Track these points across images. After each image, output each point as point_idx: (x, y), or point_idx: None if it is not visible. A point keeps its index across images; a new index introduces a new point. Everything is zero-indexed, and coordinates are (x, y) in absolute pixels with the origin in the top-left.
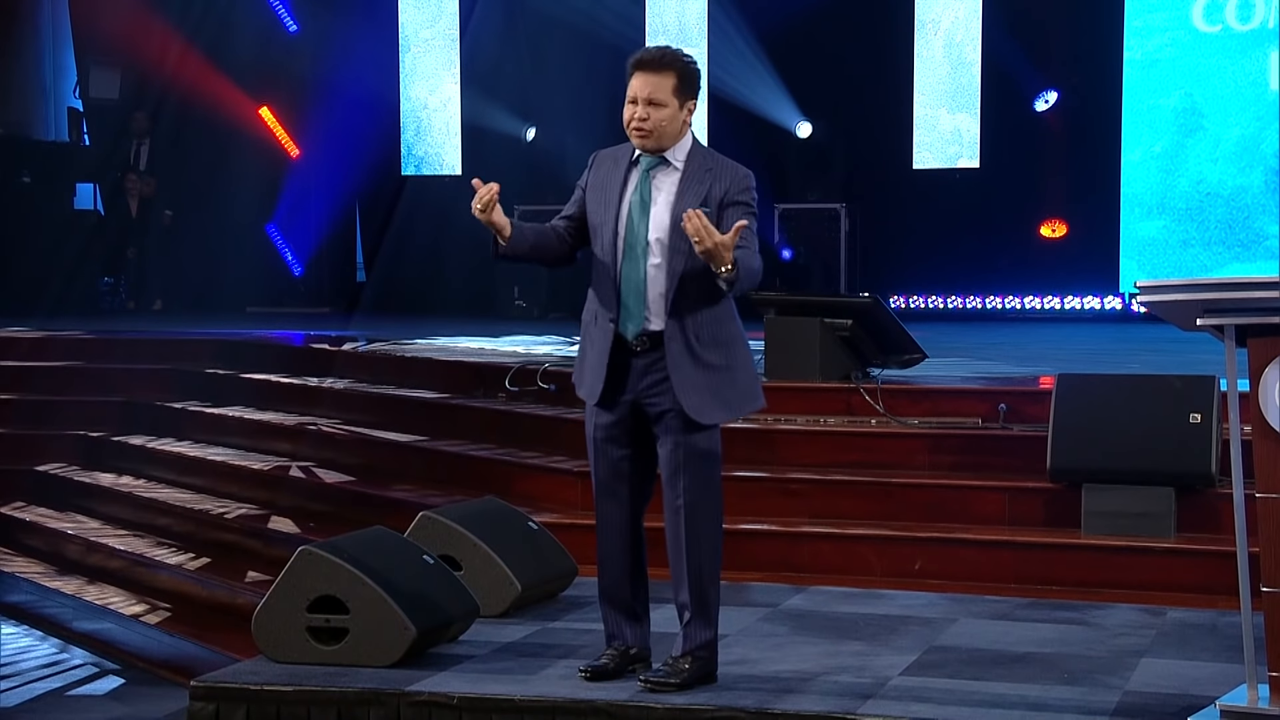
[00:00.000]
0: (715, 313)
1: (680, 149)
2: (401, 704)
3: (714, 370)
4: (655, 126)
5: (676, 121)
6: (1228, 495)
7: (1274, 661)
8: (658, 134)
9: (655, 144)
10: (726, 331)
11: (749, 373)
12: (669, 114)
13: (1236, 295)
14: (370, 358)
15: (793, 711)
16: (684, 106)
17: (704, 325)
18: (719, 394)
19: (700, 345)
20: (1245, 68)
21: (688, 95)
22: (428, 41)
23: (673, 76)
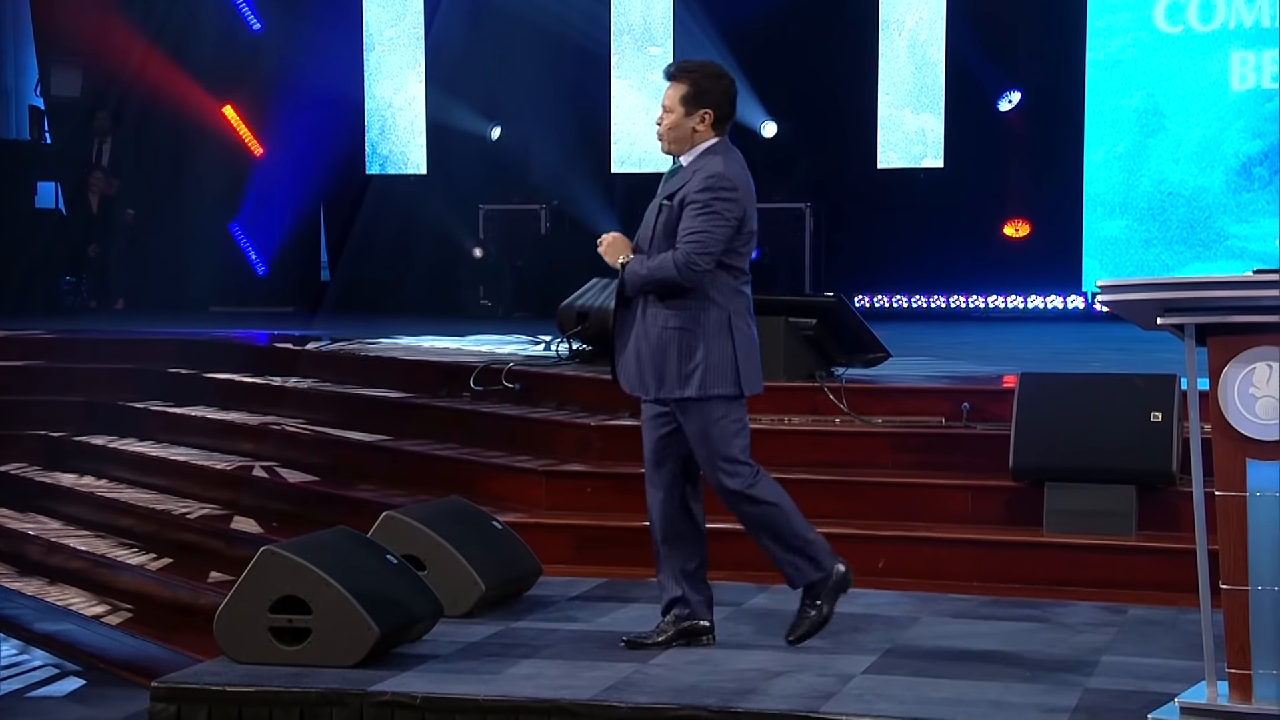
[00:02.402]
0: (677, 300)
1: (691, 154)
2: (364, 704)
3: (656, 349)
4: (665, 131)
5: (684, 128)
6: (1188, 493)
7: (1233, 658)
8: (667, 138)
9: (667, 148)
10: (678, 318)
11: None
12: (675, 120)
13: (1196, 294)
14: (334, 357)
15: (755, 710)
16: (693, 115)
17: (657, 304)
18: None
19: (645, 323)
20: (1206, 68)
21: (699, 105)
22: (392, 40)
23: (684, 86)
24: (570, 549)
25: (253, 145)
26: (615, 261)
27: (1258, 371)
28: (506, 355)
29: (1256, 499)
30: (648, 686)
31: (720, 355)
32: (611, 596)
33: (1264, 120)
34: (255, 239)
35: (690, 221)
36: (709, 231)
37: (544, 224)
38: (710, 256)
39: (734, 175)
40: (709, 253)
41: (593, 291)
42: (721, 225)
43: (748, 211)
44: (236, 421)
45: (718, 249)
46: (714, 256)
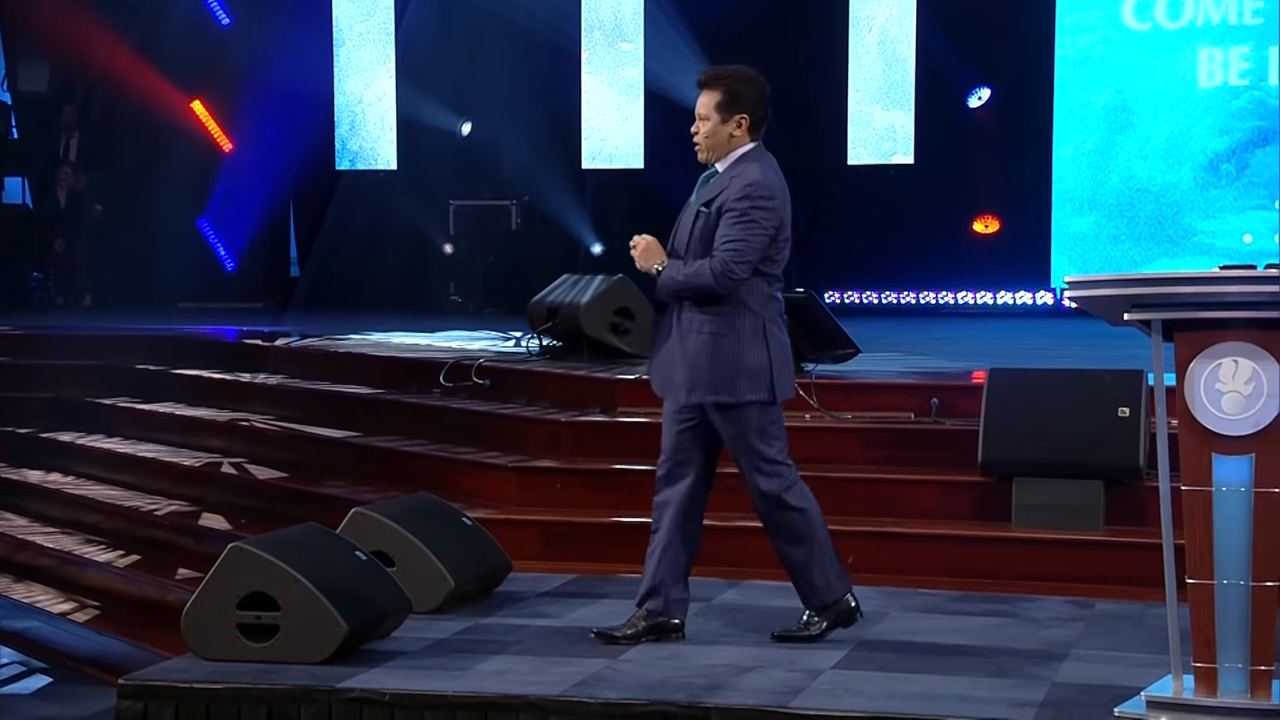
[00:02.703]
0: (713, 306)
1: (727, 160)
2: (333, 701)
3: (689, 353)
4: (701, 139)
5: (720, 135)
6: (1155, 488)
7: (1199, 652)
8: (704, 146)
9: (705, 155)
10: (714, 324)
11: (733, 366)
12: (710, 127)
13: (1163, 290)
14: (303, 353)
15: (724, 706)
16: (728, 121)
17: (693, 310)
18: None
19: (681, 328)
20: (1175, 65)
21: (735, 110)
22: (362, 35)
23: (717, 93)
24: (540, 545)
25: (222, 140)
26: (650, 267)
27: (1224, 367)
28: (476, 351)
29: (1222, 494)
30: (617, 682)
31: (756, 360)
32: (581, 592)
33: (1231, 117)
34: (224, 235)
35: (728, 230)
36: (746, 240)
37: (514, 220)
38: (747, 265)
39: (771, 183)
40: (746, 261)
41: (563, 287)
42: (759, 234)
43: (784, 219)
44: (205, 418)
45: (755, 257)
46: (751, 265)
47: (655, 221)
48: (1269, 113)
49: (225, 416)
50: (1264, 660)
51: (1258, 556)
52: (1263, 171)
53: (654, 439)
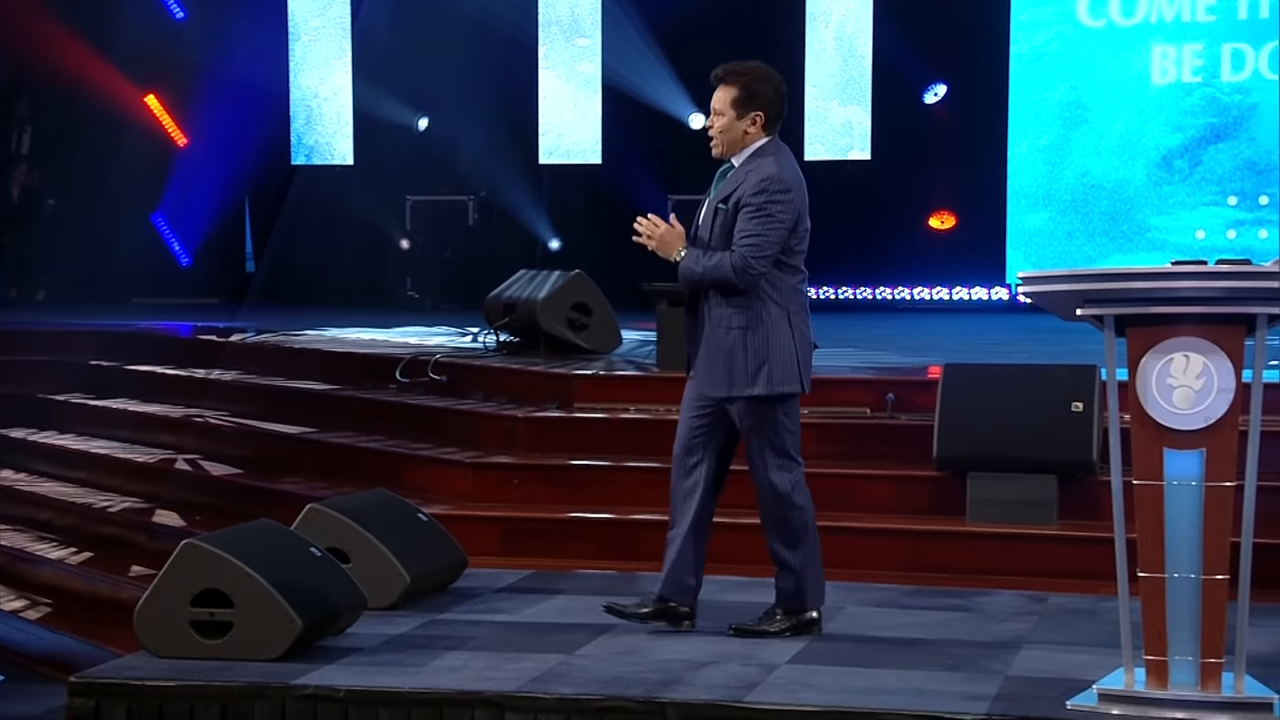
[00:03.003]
0: (732, 297)
1: (742, 155)
2: (287, 698)
3: (722, 349)
4: (716, 134)
5: (735, 130)
6: (1108, 482)
7: (1150, 645)
8: (718, 141)
9: (720, 150)
10: (741, 318)
11: (762, 359)
12: (726, 123)
13: (1114, 286)
14: (259, 349)
15: (680, 700)
16: (744, 117)
17: (721, 306)
18: (721, 370)
19: (711, 324)
20: (1128, 62)
21: (751, 107)
22: (318, 30)
23: (734, 89)
24: (496, 541)
25: (176, 135)
26: (671, 256)
27: (1175, 362)
28: (433, 347)
29: (1173, 488)
30: (573, 678)
31: (785, 353)
32: (537, 588)
33: (1184, 114)
34: (179, 230)
35: (745, 224)
36: (764, 234)
37: (472, 215)
38: (766, 259)
39: (787, 176)
40: (764, 255)
41: (520, 283)
42: (776, 228)
43: (802, 211)
44: (159, 414)
45: (773, 251)
46: (770, 259)
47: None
48: (1221, 109)
49: (179, 412)
50: (1214, 653)
51: (1208, 550)
52: (1215, 168)
53: (610, 434)
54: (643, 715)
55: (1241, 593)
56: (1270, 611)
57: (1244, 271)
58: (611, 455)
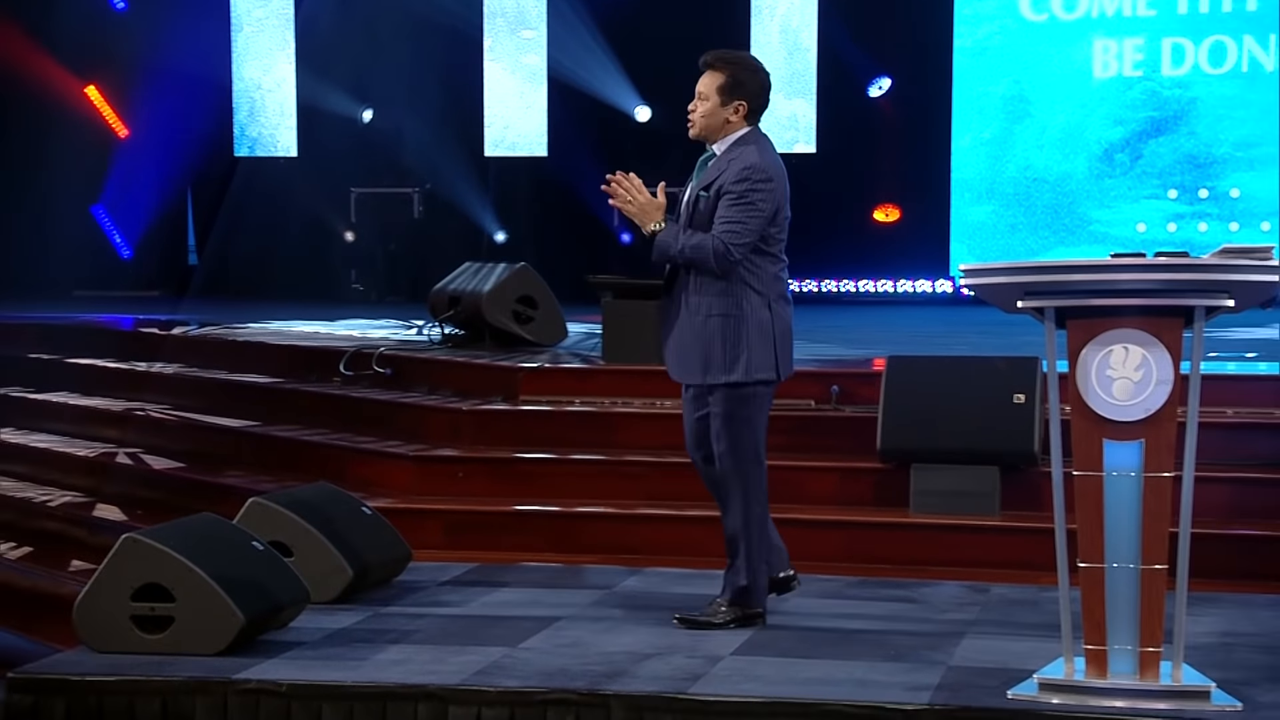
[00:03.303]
0: (711, 285)
1: (724, 143)
2: (229, 692)
3: (701, 336)
4: (697, 118)
5: (717, 117)
6: (1049, 473)
7: (1090, 634)
8: (699, 125)
9: (698, 133)
10: (722, 304)
11: (744, 347)
12: (709, 108)
13: (1054, 278)
14: (201, 342)
15: (624, 693)
16: (727, 105)
17: (700, 293)
18: (697, 357)
19: (689, 311)
20: (1071, 56)
21: (735, 96)
22: (261, 21)
23: (721, 76)
24: (441, 534)
25: (117, 127)
26: (647, 226)
27: (1114, 354)
28: (378, 339)
29: (1113, 478)
30: (517, 670)
31: (763, 340)
32: (482, 581)
33: (1125, 107)
34: (120, 222)
35: (726, 211)
36: (744, 222)
37: (417, 208)
38: (744, 246)
39: (769, 165)
40: (743, 242)
41: (465, 275)
42: (755, 216)
43: (782, 200)
44: (100, 407)
45: (752, 238)
46: (748, 246)
47: (559, 209)
48: (1162, 103)
49: (121, 406)
50: (1152, 642)
51: (1147, 540)
52: (1156, 161)
53: (556, 427)
54: (587, 708)
55: (1179, 582)
56: (1207, 600)
57: (1182, 264)
58: (557, 448)
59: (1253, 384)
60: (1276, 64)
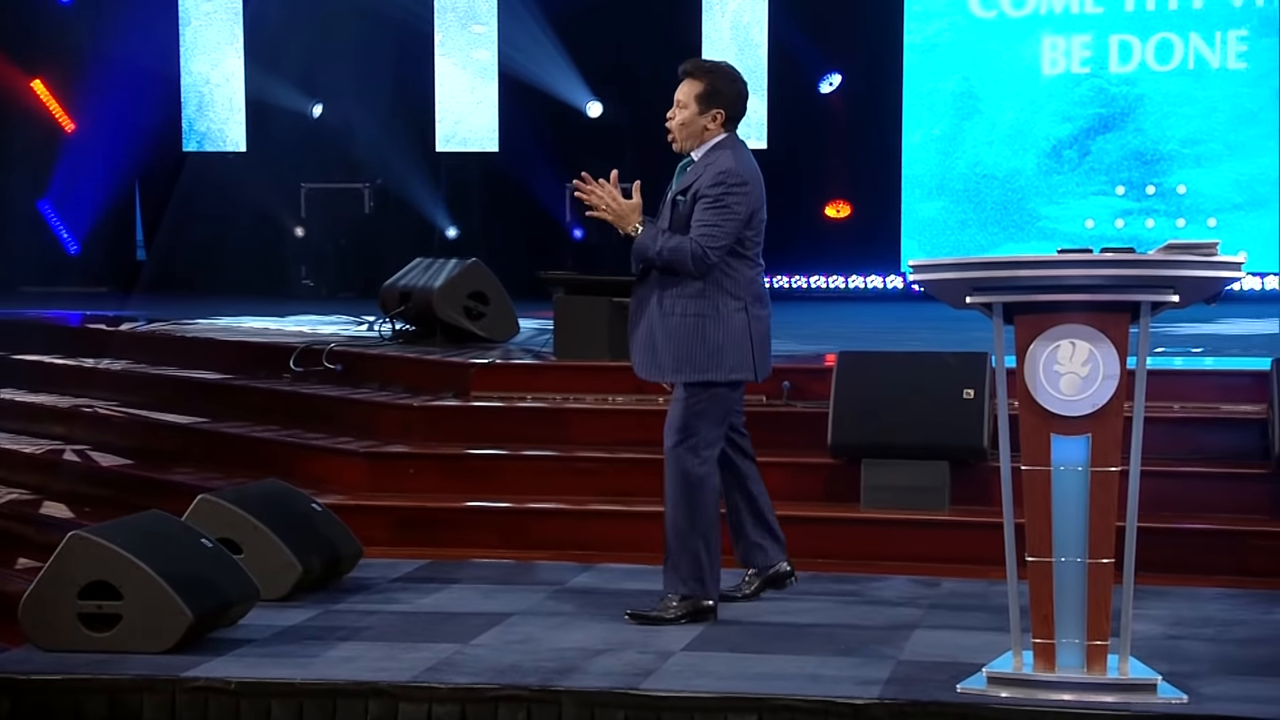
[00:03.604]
0: (687, 286)
1: (701, 149)
2: (177, 691)
3: (673, 336)
4: (675, 125)
5: (695, 125)
6: (999, 468)
7: (1038, 628)
8: (678, 132)
9: (679, 142)
10: (697, 305)
11: (715, 347)
12: (688, 116)
13: (1002, 274)
14: (150, 338)
15: (575, 689)
16: (705, 113)
17: (676, 295)
18: (667, 355)
19: (662, 311)
20: (1019, 53)
21: (713, 104)
22: (209, 14)
23: (699, 85)
24: (392, 530)
25: (63, 121)
26: (625, 228)
27: (1061, 349)
28: (328, 335)
29: (1060, 473)
30: (468, 667)
31: (740, 341)
32: (433, 578)
33: (1074, 104)
34: (67, 217)
35: (702, 215)
36: (719, 225)
37: (367, 203)
38: (720, 250)
39: (744, 170)
40: (719, 245)
41: (416, 271)
42: (731, 219)
43: (757, 204)
44: (47, 404)
45: (727, 241)
46: (724, 249)
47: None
48: (1109, 100)
49: (68, 402)
50: (1099, 635)
51: (1094, 534)
52: (1103, 158)
53: (507, 423)
54: (538, 704)
55: (1126, 576)
56: (1153, 594)
57: (1128, 260)
58: (508, 444)
59: (1199, 379)
60: (1222, 61)
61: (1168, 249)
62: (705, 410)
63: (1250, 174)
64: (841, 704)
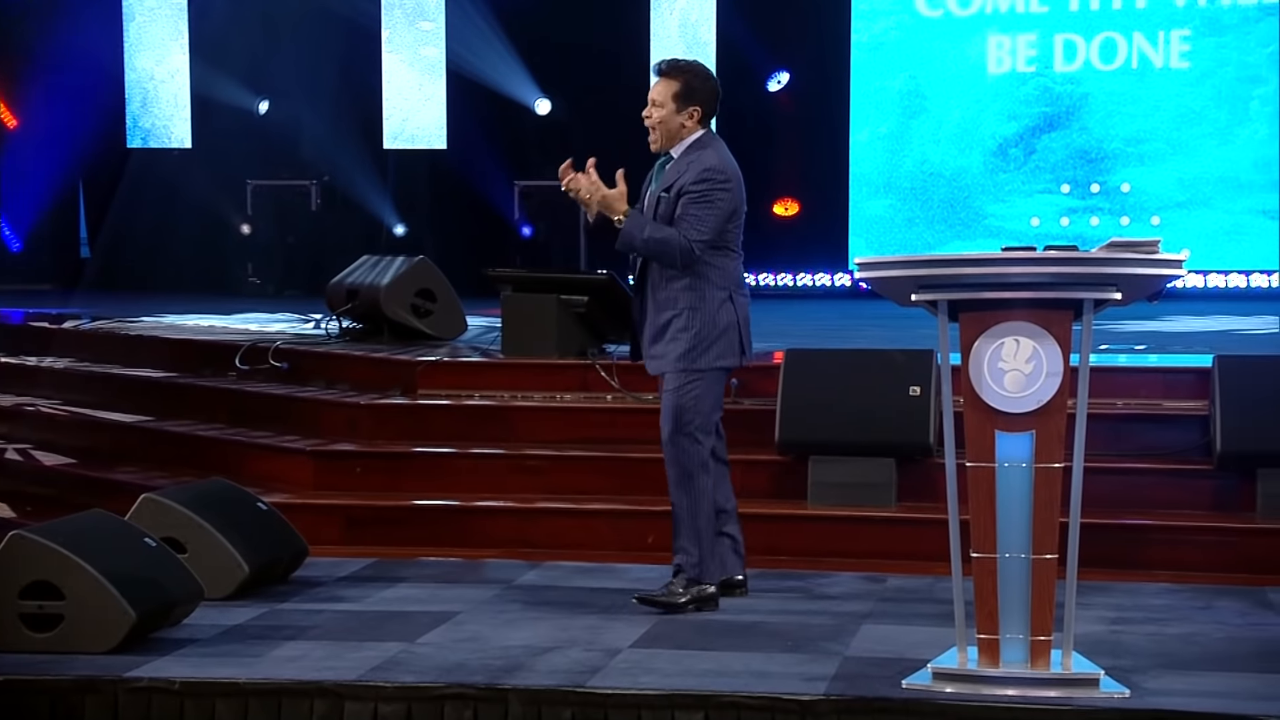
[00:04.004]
0: (676, 280)
1: (680, 146)
2: (119, 691)
3: (669, 329)
4: (654, 124)
5: (673, 123)
6: (945, 465)
7: (983, 624)
8: (658, 131)
9: (658, 140)
10: (687, 298)
11: (707, 336)
12: (666, 114)
13: (947, 271)
14: (93, 336)
15: (522, 687)
16: (683, 111)
17: (666, 289)
18: (666, 347)
19: (657, 306)
20: (965, 52)
21: (690, 103)
22: (153, 10)
23: (676, 84)
24: (339, 529)
25: (6, 117)
26: (614, 214)
27: (1006, 346)
28: (274, 333)
29: (1005, 469)
30: (414, 665)
31: (728, 328)
32: (380, 577)
33: (1019, 103)
34: (9, 214)
35: (689, 209)
36: (705, 219)
37: (314, 200)
38: (705, 243)
39: (727, 167)
40: (704, 239)
41: (363, 269)
42: (715, 214)
43: (740, 199)
44: None
45: (711, 236)
46: (708, 243)
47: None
48: (1054, 99)
49: (10, 401)
50: (1043, 631)
51: (1037, 530)
52: (1049, 156)
53: (454, 421)
54: (485, 702)
55: (1069, 572)
56: (1096, 589)
57: (1070, 258)
58: (455, 442)
59: (1142, 376)
60: (1166, 61)
61: (1110, 247)
62: (700, 396)
63: (1193, 173)
64: (788, 700)
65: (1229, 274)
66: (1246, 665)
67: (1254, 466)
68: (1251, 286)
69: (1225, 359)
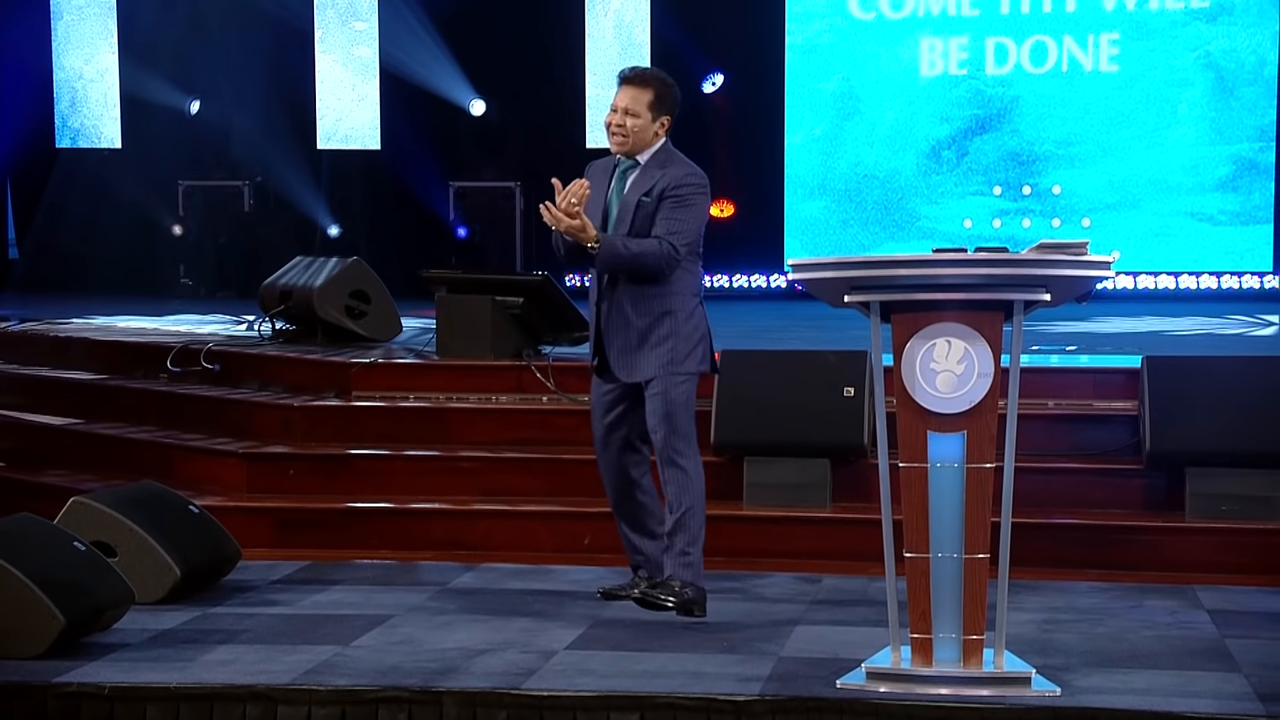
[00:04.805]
0: (650, 287)
1: (647, 153)
2: (48, 696)
3: (649, 337)
4: (630, 132)
5: (648, 132)
6: (878, 465)
7: (916, 623)
8: (632, 139)
9: (629, 148)
10: (665, 304)
11: (688, 341)
12: (642, 124)
13: (879, 273)
14: (21, 338)
15: (456, 689)
16: (657, 120)
17: (641, 297)
18: (647, 355)
19: (637, 314)
20: (898, 54)
21: (662, 111)
22: (81, 9)
23: (650, 93)
24: (271, 532)
25: None
26: (587, 240)
27: (938, 347)
28: (207, 335)
29: (937, 469)
30: (348, 669)
31: (701, 335)
32: (313, 579)
33: (952, 105)
34: None
35: (672, 214)
36: (688, 223)
37: (247, 201)
38: (688, 248)
39: (701, 172)
40: (687, 243)
41: (296, 270)
42: (697, 218)
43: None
44: None
45: (693, 240)
46: (690, 247)
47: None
48: (986, 101)
49: None
50: (975, 630)
51: (969, 530)
52: (981, 158)
53: (389, 423)
54: (419, 705)
55: (1001, 571)
56: (1028, 588)
57: (1000, 260)
58: (390, 444)
59: (1073, 376)
60: (1095, 64)
61: (1039, 249)
62: (685, 402)
63: (1122, 174)
64: (723, 701)
65: (1158, 275)
66: (1175, 663)
67: (1183, 466)
68: (1180, 288)
69: (1154, 359)
